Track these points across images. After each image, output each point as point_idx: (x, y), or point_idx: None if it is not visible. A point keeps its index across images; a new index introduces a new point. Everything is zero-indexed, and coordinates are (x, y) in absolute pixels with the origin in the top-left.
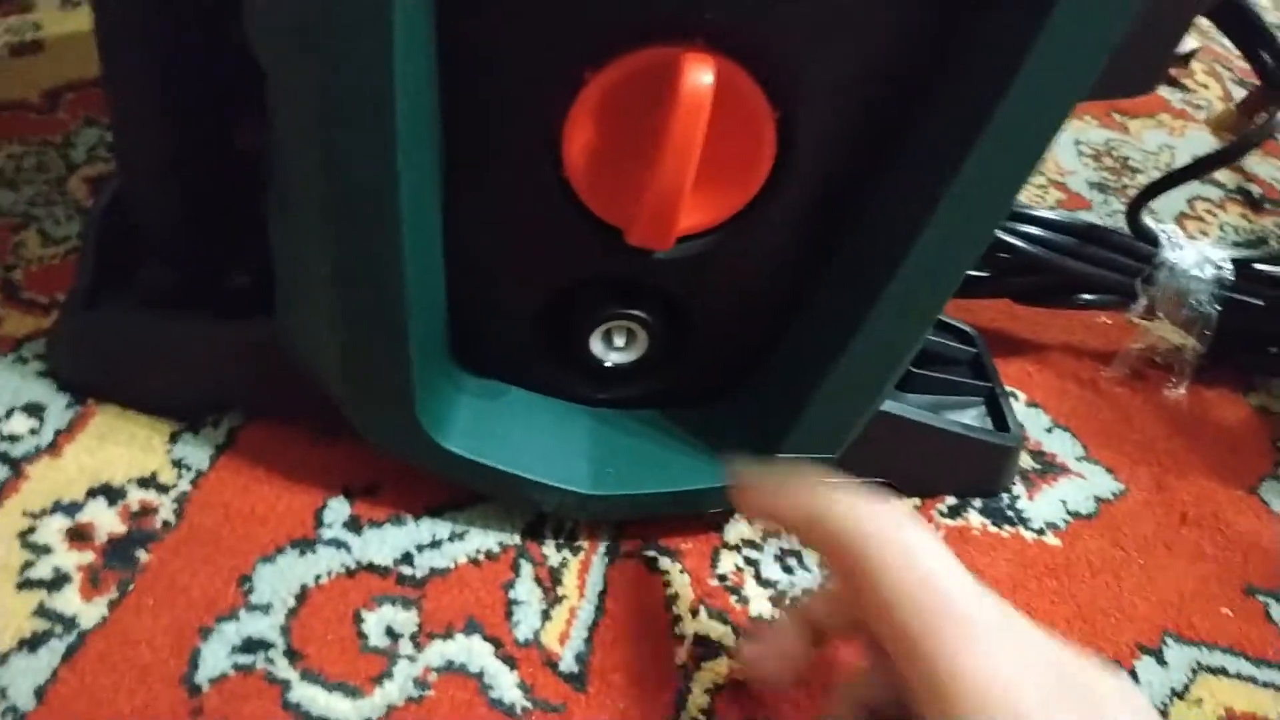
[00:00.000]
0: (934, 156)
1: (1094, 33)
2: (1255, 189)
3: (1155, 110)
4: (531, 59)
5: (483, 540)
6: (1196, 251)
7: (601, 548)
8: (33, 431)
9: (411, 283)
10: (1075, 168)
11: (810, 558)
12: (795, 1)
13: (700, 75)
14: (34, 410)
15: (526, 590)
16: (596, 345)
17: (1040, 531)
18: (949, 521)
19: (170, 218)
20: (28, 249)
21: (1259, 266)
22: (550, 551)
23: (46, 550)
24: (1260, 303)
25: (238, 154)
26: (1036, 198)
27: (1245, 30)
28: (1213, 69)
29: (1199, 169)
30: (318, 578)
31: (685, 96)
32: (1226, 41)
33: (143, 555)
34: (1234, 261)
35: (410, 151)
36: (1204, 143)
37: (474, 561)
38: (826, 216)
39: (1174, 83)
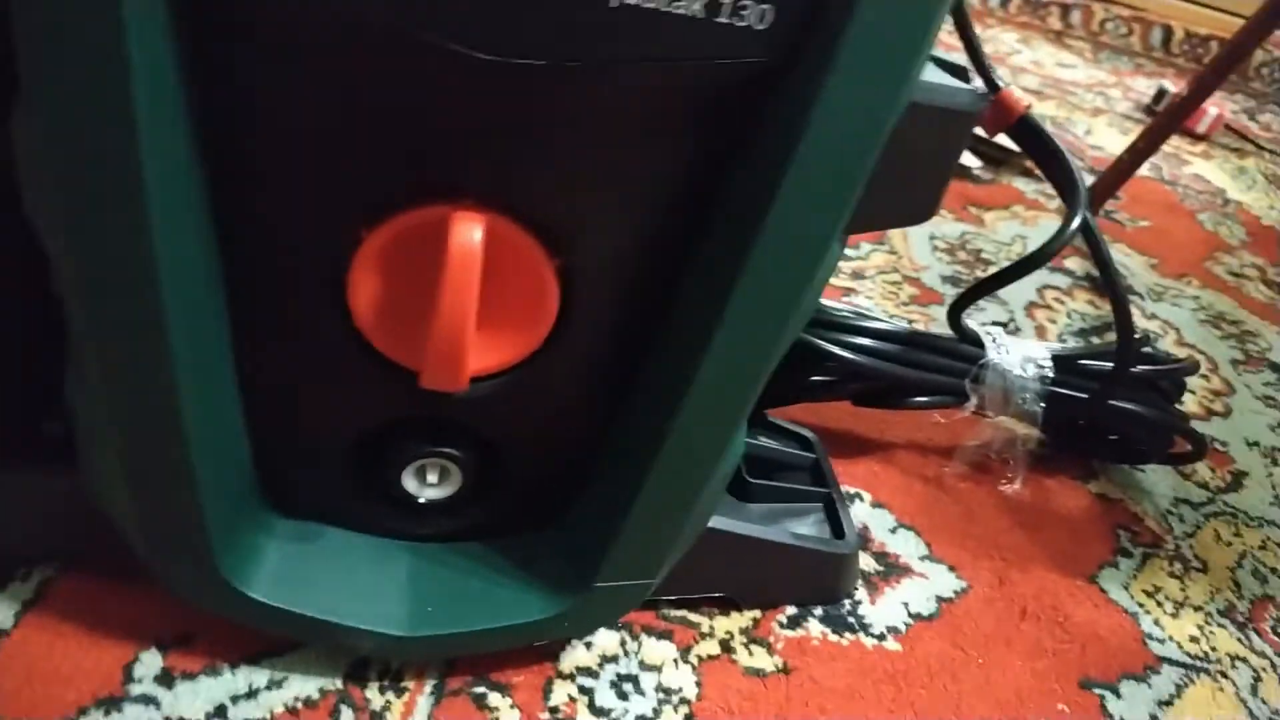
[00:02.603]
0: (708, 289)
1: (840, 171)
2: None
3: (1010, 201)
4: (307, 221)
5: (302, 686)
6: (1020, 351)
7: (428, 687)
8: None
9: (198, 432)
10: (930, 263)
11: (647, 680)
12: (557, 159)
13: (468, 233)
14: None
15: None
16: (410, 483)
17: (881, 637)
18: (789, 633)
19: None
20: None
21: (1079, 362)
22: (373, 694)
23: None
24: (1084, 396)
25: (50, 299)
26: (890, 293)
27: (1037, 147)
28: (1069, 158)
29: (1006, 277)
30: None
31: (454, 254)
32: (1079, 132)
33: None
34: (1058, 358)
35: (186, 306)
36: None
37: (291, 710)
38: (619, 351)
39: (1027, 174)
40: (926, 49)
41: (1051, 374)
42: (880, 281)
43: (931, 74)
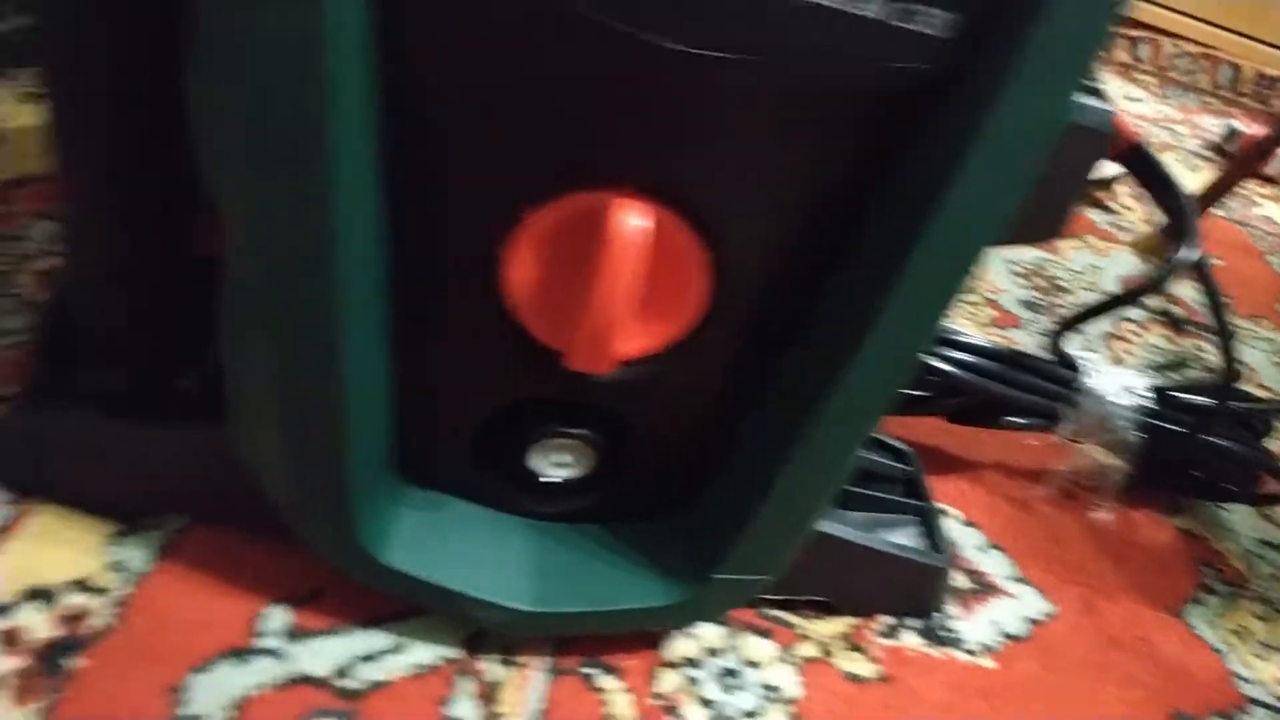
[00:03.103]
0: (860, 290)
1: (1005, 182)
2: (1178, 311)
3: (1082, 232)
4: (473, 198)
5: (422, 654)
6: (1116, 379)
7: (541, 664)
8: None
9: (354, 399)
10: (1007, 286)
11: (750, 675)
12: (720, 152)
13: (628, 221)
14: None
15: (465, 707)
16: (538, 461)
17: (974, 653)
18: (885, 641)
19: (118, 320)
20: None
21: (1178, 395)
22: (490, 666)
23: None
24: (1183, 430)
25: (192, 258)
26: (970, 314)
27: (1150, 176)
28: (1137, 193)
29: (1118, 302)
30: (253, 689)
31: (614, 240)
32: None
33: (76, 662)
34: (1157, 389)
35: (355, 275)
36: (1128, 264)
37: (413, 675)
38: (762, 343)
39: (1099, 205)
40: (1096, 60)
41: (1149, 404)
42: (961, 302)
43: None
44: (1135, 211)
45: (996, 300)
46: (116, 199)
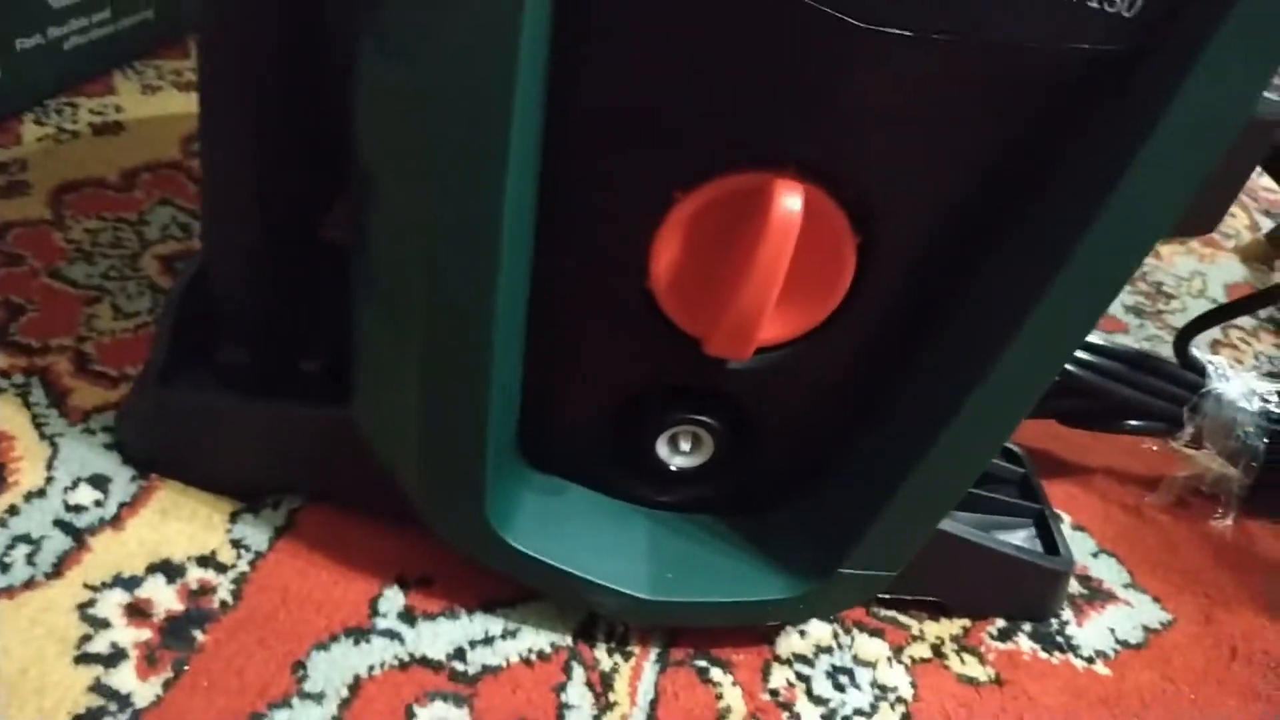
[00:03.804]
0: (1017, 281)
1: (1185, 170)
2: None
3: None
4: (625, 178)
5: (535, 639)
6: (1243, 383)
7: (653, 654)
8: (97, 503)
9: (496, 384)
10: None
11: (862, 675)
12: (884, 136)
13: (790, 202)
14: (99, 482)
15: (578, 694)
16: (663, 449)
17: (1090, 660)
18: (1000, 645)
19: (249, 299)
20: (101, 321)
21: None
22: (602, 655)
23: (105, 625)
24: None
25: (320, 245)
26: None
27: None
28: (1240, 199)
29: (1250, 305)
30: (371, 669)
31: (775, 221)
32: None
33: (199, 635)
34: None
35: (509, 264)
36: (1233, 270)
37: (526, 661)
38: (902, 334)
39: None
40: None
41: (1275, 409)
42: None
43: None
44: (1239, 219)
45: None
46: (257, 177)
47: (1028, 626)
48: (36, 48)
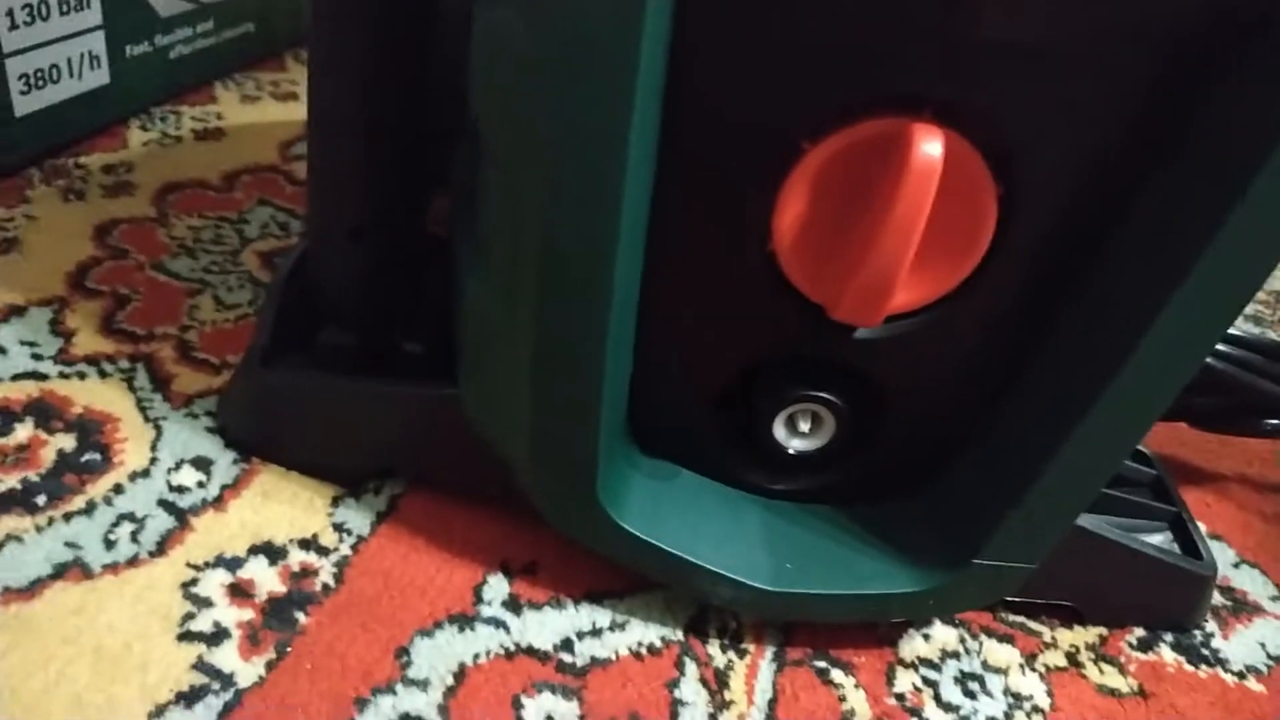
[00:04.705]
0: (1165, 249)
1: None
2: None
3: None
4: (749, 131)
5: (644, 633)
6: None
7: (768, 652)
8: (200, 485)
9: (610, 360)
10: None
11: (993, 682)
12: (1026, 76)
13: (930, 147)
14: (202, 464)
15: (692, 691)
16: (780, 430)
17: (1241, 675)
18: (1141, 655)
19: (354, 280)
20: (202, 312)
21: None
22: (715, 651)
23: (208, 604)
24: None
25: (423, 234)
26: None
27: None
28: None
29: None
30: (476, 657)
31: (915, 168)
32: None
33: (301, 617)
34: None
35: (628, 234)
36: None
37: (636, 655)
38: (1041, 304)
39: None
40: None
41: None
42: None
43: None
44: None
45: None
46: (365, 161)
47: (1169, 637)
48: (144, 55)
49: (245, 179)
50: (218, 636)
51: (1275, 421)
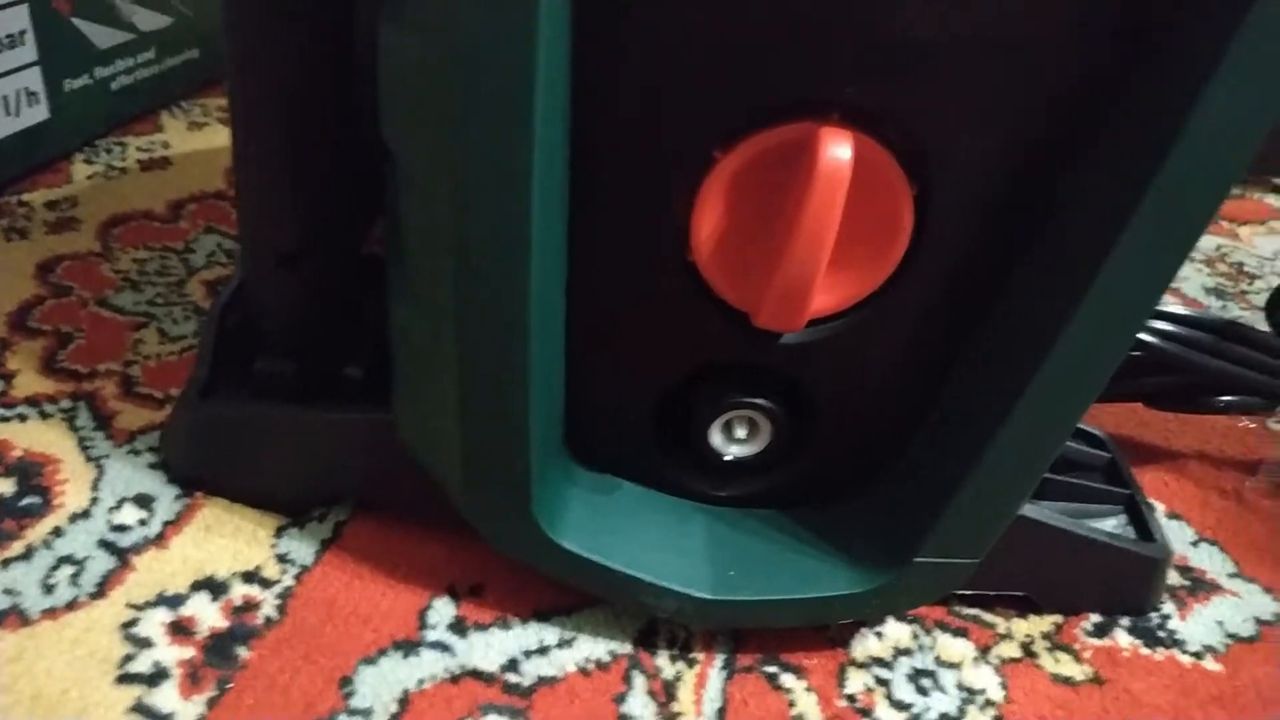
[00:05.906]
0: (1086, 232)
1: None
2: None
3: (1264, 217)
4: (659, 142)
5: (592, 648)
6: None
7: (718, 660)
8: (141, 523)
9: (536, 375)
10: (1187, 274)
11: (946, 677)
12: (934, 76)
13: (838, 151)
14: (144, 501)
15: (640, 704)
16: (716, 437)
17: (1198, 655)
18: (1096, 641)
19: (288, 308)
20: (147, 346)
21: None
22: (664, 663)
23: (148, 644)
24: None
25: (362, 259)
26: None
27: None
28: None
29: None
30: (421, 682)
31: (823, 173)
32: None
33: (243, 652)
34: None
35: (541, 244)
36: None
37: (584, 671)
38: (966, 297)
39: (1278, 190)
40: None
41: None
42: None
43: None
44: None
45: (1178, 288)
46: (292, 187)
47: (1125, 621)
48: (84, 87)
49: (191, 207)
50: (157, 677)
51: (1229, 398)
